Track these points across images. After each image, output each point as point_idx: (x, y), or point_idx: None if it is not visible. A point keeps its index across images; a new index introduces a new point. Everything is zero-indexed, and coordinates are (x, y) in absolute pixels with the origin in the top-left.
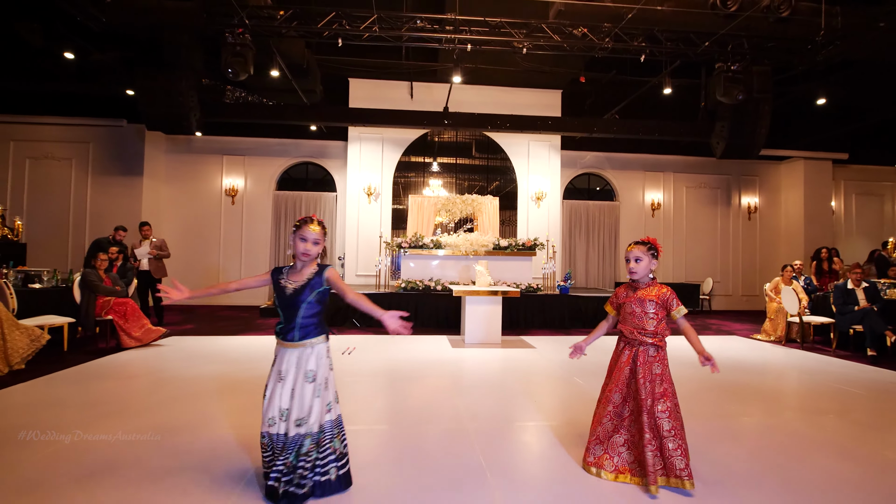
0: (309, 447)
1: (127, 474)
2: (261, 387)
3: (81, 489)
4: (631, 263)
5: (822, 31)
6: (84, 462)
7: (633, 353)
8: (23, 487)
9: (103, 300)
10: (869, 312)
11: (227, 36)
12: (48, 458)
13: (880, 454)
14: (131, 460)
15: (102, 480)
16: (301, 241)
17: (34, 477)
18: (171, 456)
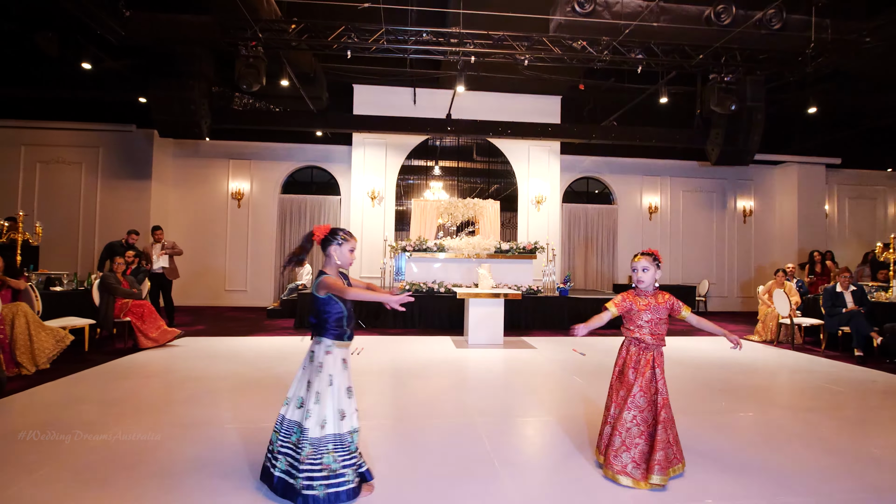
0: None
1: (158, 466)
2: (276, 385)
3: (125, 478)
4: (639, 273)
5: (812, 44)
6: (118, 456)
7: (651, 357)
8: (72, 473)
9: (121, 302)
10: (856, 315)
11: (240, 48)
12: (85, 454)
13: (861, 448)
14: (161, 454)
15: (138, 472)
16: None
17: (91, 462)
18: (195, 449)
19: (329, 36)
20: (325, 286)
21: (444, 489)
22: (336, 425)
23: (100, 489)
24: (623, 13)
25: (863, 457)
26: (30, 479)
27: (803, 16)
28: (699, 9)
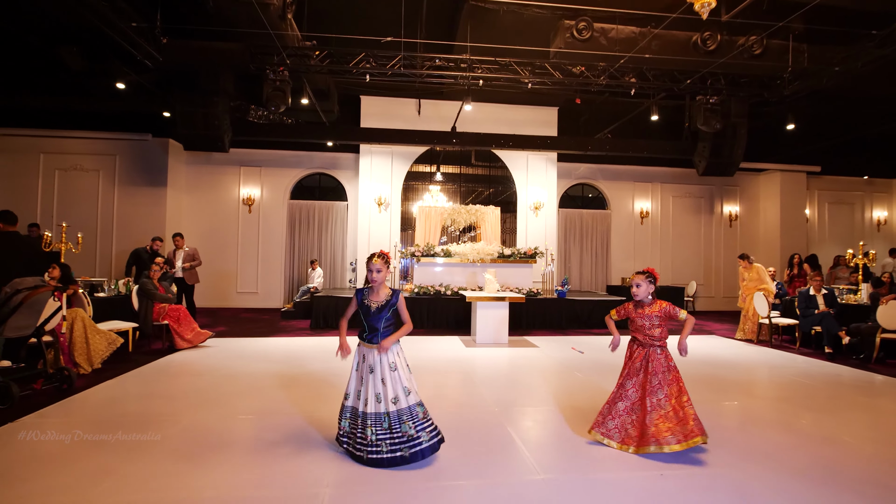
0: (391, 422)
1: (243, 446)
2: (315, 381)
3: (217, 454)
4: (633, 288)
5: (789, 69)
6: (202, 439)
7: (645, 352)
8: (169, 453)
9: (159, 307)
10: (827, 316)
11: (268, 72)
12: (184, 436)
13: (816, 430)
14: (243, 434)
15: (230, 449)
16: (368, 272)
17: (182, 445)
18: (267, 432)
19: (349, 62)
20: (399, 304)
21: (481, 460)
22: (407, 399)
23: (197, 464)
24: (618, 39)
25: (818, 437)
26: (128, 460)
27: (782, 40)
28: (687, 34)
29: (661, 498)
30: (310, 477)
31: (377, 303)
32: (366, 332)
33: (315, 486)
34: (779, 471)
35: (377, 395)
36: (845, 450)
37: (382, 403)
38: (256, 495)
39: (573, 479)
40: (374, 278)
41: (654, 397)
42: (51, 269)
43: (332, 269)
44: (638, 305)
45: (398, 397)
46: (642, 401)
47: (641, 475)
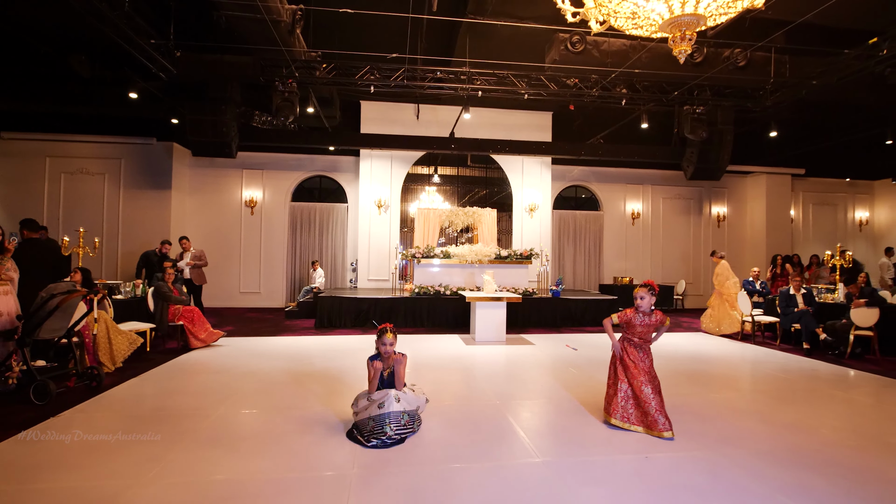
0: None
1: (273, 433)
2: (325, 378)
3: (249, 443)
4: (638, 300)
5: (771, 80)
6: (232, 431)
7: (634, 350)
8: (205, 443)
9: (174, 308)
10: (805, 313)
11: (277, 84)
12: (215, 428)
13: (781, 417)
14: (267, 426)
15: (258, 439)
16: (382, 346)
17: (216, 435)
18: (289, 424)
19: (355, 74)
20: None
21: (485, 446)
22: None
23: (232, 452)
24: (610, 51)
25: (789, 425)
26: (170, 450)
27: (766, 53)
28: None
29: (646, 476)
30: (336, 460)
31: (389, 369)
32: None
33: (342, 468)
34: (750, 454)
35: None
36: (812, 436)
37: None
38: (289, 476)
39: (568, 462)
40: (387, 351)
41: (644, 390)
42: (73, 273)
43: (333, 269)
44: (640, 313)
45: None
46: (638, 393)
47: (628, 457)
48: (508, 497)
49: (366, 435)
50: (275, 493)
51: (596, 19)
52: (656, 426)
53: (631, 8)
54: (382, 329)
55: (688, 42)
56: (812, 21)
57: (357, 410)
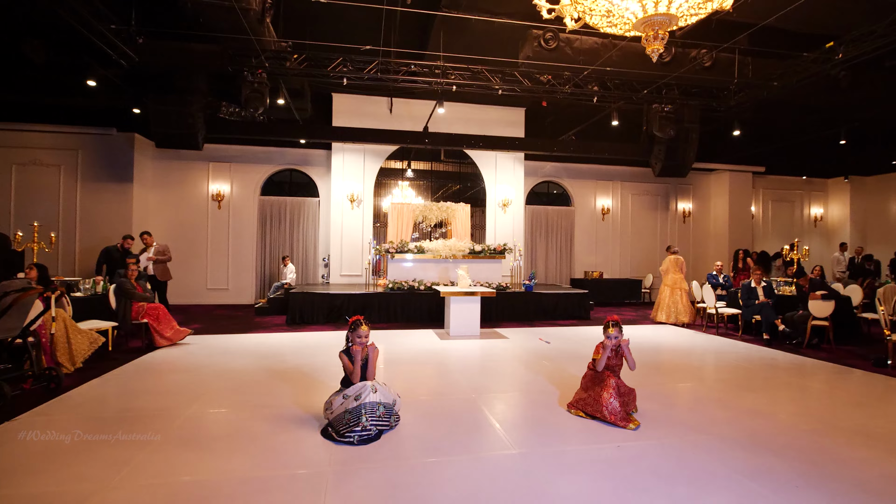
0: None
1: (247, 432)
2: (298, 375)
3: (221, 444)
4: (613, 341)
5: (735, 81)
6: (206, 430)
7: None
8: (176, 444)
9: (138, 305)
10: (765, 306)
11: (246, 75)
12: (185, 428)
13: (742, 404)
14: (241, 425)
15: (232, 438)
16: (358, 338)
17: (187, 436)
18: (263, 423)
19: (327, 66)
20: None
21: (462, 439)
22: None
23: (205, 452)
24: (582, 49)
25: (750, 411)
26: (140, 452)
27: (730, 55)
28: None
29: (618, 464)
30: (312, 458)
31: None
32: None
33: (318, 465)
34: (713, 439)
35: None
36: (771, 421)
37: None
38: (264, 476)
39: (543, 452)
40: (361, 343)
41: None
42: (28, 270)
43: (305, 265)
44: (614, 351)
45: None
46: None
47: (601, 447)
48: (487, 489)
49: (341, 430)
50: (250, 492)
51: (571, 16)
52: (618, 422)
53: (606, 6)
54: (356, 321)
55: (660, 41)
56: (774, 24)
57: (332, 410)
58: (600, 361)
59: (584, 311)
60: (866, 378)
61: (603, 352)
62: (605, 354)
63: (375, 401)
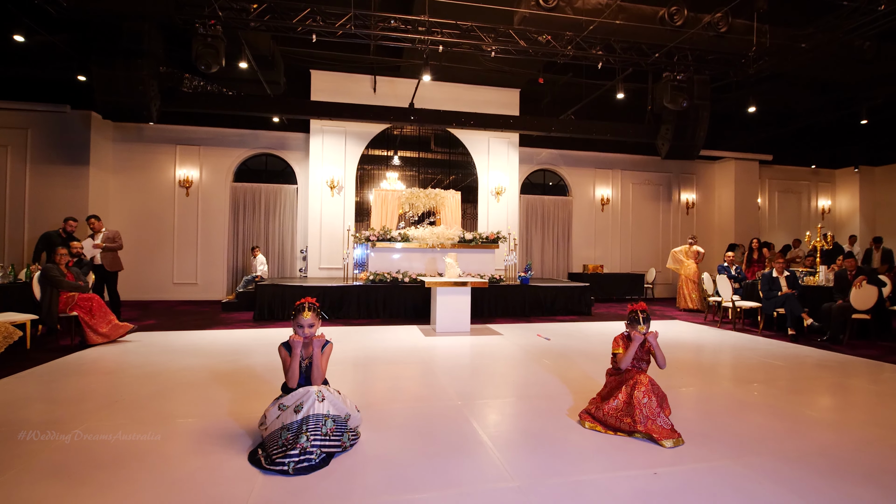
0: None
1: (153, 455)
2: (248, 378)
3: (110, 473)
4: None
5: (753, 48)
6: (99, 451)
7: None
8: (45, 474)
9: (67, 296)
10: (790, 297)
11: (197, 27)
12: (69, 450)
13: (798, 411)
14: (149, 446)
15: (129, 463)
16: (299, 327)
17: (63, 461)
18: (180, 440)
19: (293, 18)
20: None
21: (446, 464)
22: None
23: (83, 485)
24: (584, 9)
25: (807, 421)
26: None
27: (746, 20)
28: (654, 9)
29: (657, 499)
30: (225, 495)
31: (307, 359)
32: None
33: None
34: (777, 460)
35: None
36: (844, 435)
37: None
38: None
39: (551, 484)
40: (305, 335)
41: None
42: None
43: (282, 257)
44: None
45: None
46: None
47: (631, 474)
48: None
49: (274, 453)
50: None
51: None
52: (654, 429)
53: None
54: (300, 305)
55: None
56: None
57: (266, 425)
58: (625, 357)
59: (585, 306)
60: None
61: (628, 345)
62: (633, 348)
63: (321, 412)
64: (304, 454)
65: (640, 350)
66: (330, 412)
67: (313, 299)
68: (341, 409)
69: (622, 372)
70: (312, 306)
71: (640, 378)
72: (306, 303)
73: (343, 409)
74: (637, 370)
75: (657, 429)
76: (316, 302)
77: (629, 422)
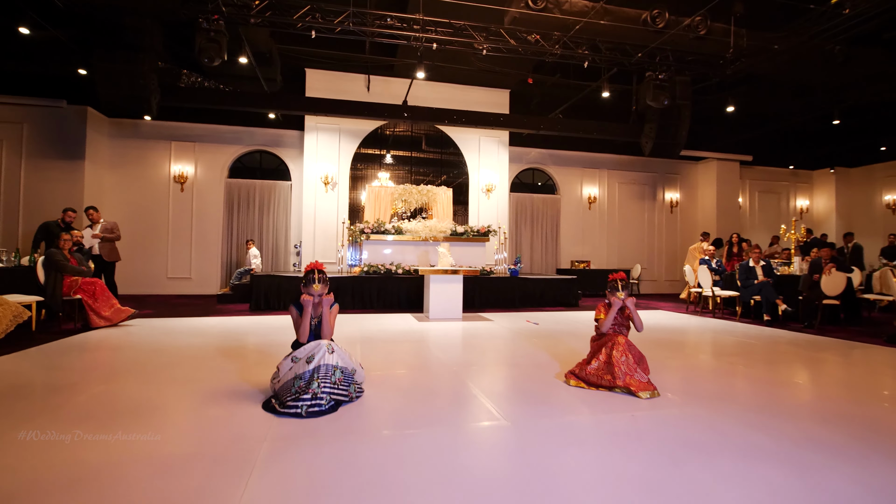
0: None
1: (172, 407)
2: (252, 353)
3: (135, 421)
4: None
5: (731, 49)
6: (121, 405)
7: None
8: (72, 420)
9: (70, 280)
10: (765, 285)
11: (201, 22)
12: (89, 404)
13: (768, 377)
14: (167, 400)
15: (151, 413)
16: (309, 295)
17: (81, 414)
18: (197, 397)
19: (294, 14)
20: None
21: (442, 412)
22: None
23: (111, 430)
24: (571, 11)
25: (772, 381)
26: (16, 429)
27: (724, 24)
28: (637, 12)
29: (635, 435)
30: (245, 434)
31: (316, 318)
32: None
33: (250, 441)
34: (745, 409)
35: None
36: (803, 391)
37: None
38: (177, 452)
39: (541, 424)
40: (316, 293)
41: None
42: None
43: (275, 252)
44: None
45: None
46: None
47: (612, 416)
48: (474, 466)
49: (286, 399)
50: (152, 473)
51: None
52: (632, 383)
53: None
54: (310, 271)
55: None
56: None
57: (280, 378)
58: (606, 321)
59: (572, 297)
60: (884, 352)
61: (608, 310)
62: (613, 312)
63: (331, 363)
64: (315, 399)
65: (620, 316)
66: (339, 364)
67: (321, 265)
68: (348, 362)
69: (603, 336)
70: (322, 272)
71: (618, 339)
72: (316, 269)
73: (350, 364)
74: (617, 334)
75: (634, 382)
76: (323, 266)
77: (609, 378)
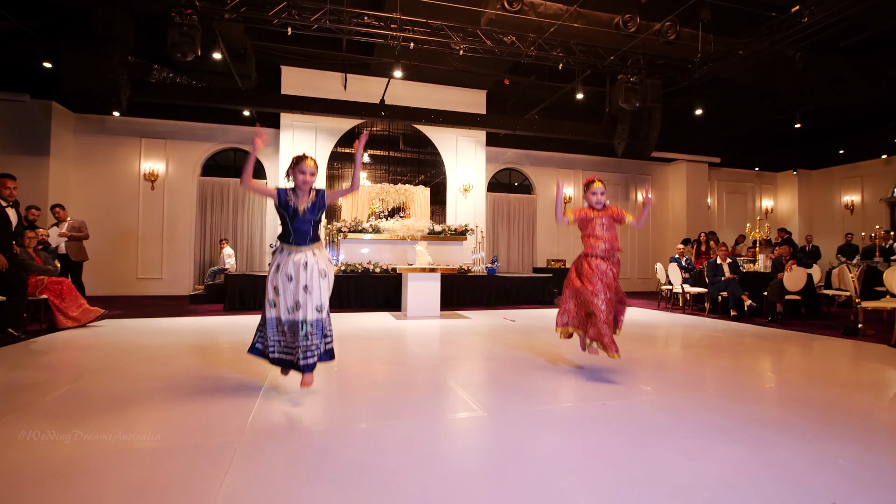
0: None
1: (148, 402)
2: (229, 349)
3: (108, 416)
4: (598, 196)
5: (699, 54)
6: (94, 401)
7: (599, 261)
8: (45, 416)
9: (36, 279)
10: (731, 281)
11: (173, 15)
12: (64, 400)
13: (733, 365)
14: (142, 396)
15: (125, 408)
16: (300, 174)
17: (54, 411)
18: (172, 392)
19: (269, 10)
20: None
21: (419, 403)
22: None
23: (85, 426)
24: (546, 14)
25: (735, 370)
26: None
27: (692, 29)
28: (610, 16)
29: (606, 420)
30: (233, 425)
31: (305, 204)
32: (291, 236)
33: (229, 434)
34: (708, 395)
35: (296, 303)
36: (764, 378)
37: (301, 311)
38: (158, 447)
39: (516, 413)
40: (307, 181)
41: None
42: None
43: (250, 251)
44: (595, 208)
45: (322, 306)
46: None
47: (584, 405)
48: (450, 452)
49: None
50: (126, 466)
51: None
52: (601, 338)
53: None
54: (300, 155)
55: None
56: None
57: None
58: (575, 214)
59: (548, 295)
60: (841, 343)
61: (583, 210)
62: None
63: (305, 319)
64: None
65: (608, 234)
66: (308, 318)
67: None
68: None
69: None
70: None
71: (595, 264)
72: (305, 152)
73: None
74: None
75: (607, 330)
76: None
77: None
